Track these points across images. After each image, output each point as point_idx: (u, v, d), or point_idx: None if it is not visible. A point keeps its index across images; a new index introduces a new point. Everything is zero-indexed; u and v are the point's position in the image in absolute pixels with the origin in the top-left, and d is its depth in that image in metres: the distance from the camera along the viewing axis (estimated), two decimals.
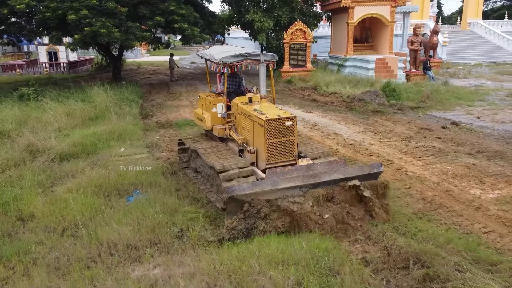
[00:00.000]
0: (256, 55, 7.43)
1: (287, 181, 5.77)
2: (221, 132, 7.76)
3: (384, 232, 5.69)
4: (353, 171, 6.18)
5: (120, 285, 4.56)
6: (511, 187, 7.46)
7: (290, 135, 6.51)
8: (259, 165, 6.71)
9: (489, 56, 30.44)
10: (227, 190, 5.47)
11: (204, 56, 8.34)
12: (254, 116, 6.64)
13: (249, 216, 5.57)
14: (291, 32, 21.25)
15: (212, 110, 7.83)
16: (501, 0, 61.35)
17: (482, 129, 11.55)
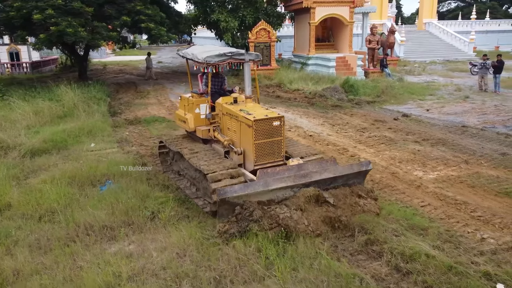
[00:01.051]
0: (241, 54, 7.22)
1: (279, 182, 5.71)
2: (205, 134, 7.55)
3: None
4: (343, 170, 6.24)
5: (98, 258, 5.07)
6: (449, 168, 8.43)
7: (278, 135, 6.44)
8: (246, 166, 6.59)
9: (443, 54, 32.22)
10: (219, 193, 5.33)
11: (185, 56, 8.05)
12: (241, 116, 6.50)
13: (241, 219, 5.43)
14: (255, 32, 21.94)
15: (195, 111, 7.64)
16: (455, 2, 64.61)
17: (429, 120, 12.65)
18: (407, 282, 4.66)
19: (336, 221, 5.66)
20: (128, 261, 4.97)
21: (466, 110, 13.90)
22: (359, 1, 22.50)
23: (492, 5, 55.81)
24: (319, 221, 5.59)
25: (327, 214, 5.67)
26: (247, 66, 7.02)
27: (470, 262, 5.01)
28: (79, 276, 4.68)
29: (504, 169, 8.27)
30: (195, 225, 5.90)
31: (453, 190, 7.35)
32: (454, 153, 9.34)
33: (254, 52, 7.64)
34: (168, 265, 4.90)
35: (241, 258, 4.99)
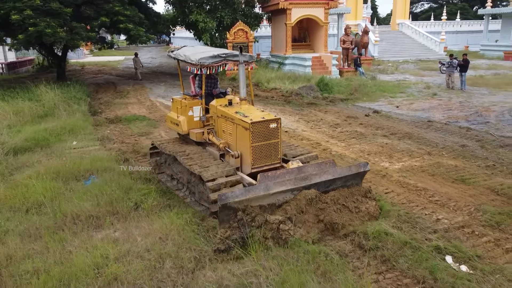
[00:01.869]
0: (235, 55, 7.15)
1: (280, 185, 5.64)
2: (199, 136, 7.45)
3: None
4: (341, 171, 6.21)
5: (86, 244, 5.45)
6: (413, 159, 9.10)
7: (275, 138, 6.40)
8: (243, 169, 6.51)
9: (416, 54, 33.37)
10: (220, 198, 5.21)
11: (177, 57, 7.89)
12: (237, 119, 6.43)
13: (243, 224, 5.31)
14: (233, 32, 22.41)
15: (188, 113, 7.52)
16: (428, 3, 66.51)
17: (398, 116, 13.38)
18: (368, 256, 5.22)
19: (338, 228, 5.68)
20: (114, 245, 5.38)
21: (433, 107, 14.71)
22: (333, 3, 23.24)
23: (463, 6, 57.83)
24: (317, 227, 5.64)
25: (329, 220, 5.69)
26: (241, 68, 6.86)
27: (424, 239, 5.62)
28: (69, 259, 5.06)
29: (463, 159, 8.99)
30: (175, 213, 6.34)
31: (415, 178, 7.99)
32: (419, 146, 10.03)
33: (248, 53, 7.53)
34: (152, 248, 5.33)
35: (226, 243, 5.47)
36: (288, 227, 5.38)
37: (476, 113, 13.41)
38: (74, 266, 4.84)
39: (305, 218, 5.66)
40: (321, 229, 5.70)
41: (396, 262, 5.00)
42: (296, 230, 5.46)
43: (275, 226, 5.32)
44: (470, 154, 9.30)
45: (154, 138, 11.42)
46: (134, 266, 4.90)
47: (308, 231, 5.55)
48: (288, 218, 5.49)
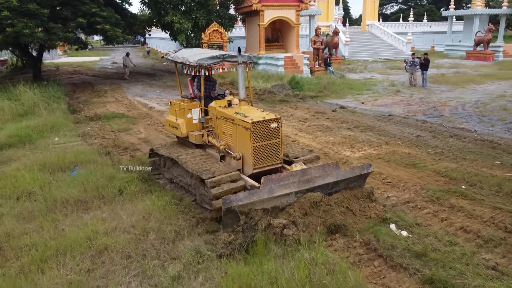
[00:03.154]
0: (233, 56, 7.11)
1: (284, 188, 5.62)
2: (199, 139, 7.36)
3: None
4: (345, 174, 6.23)
5: (77, 222, 6.11)
6: (372, 149, 10.07)
7: (276, 137, 6.35)
8: (244, 170, 6.44)
9: (385, 53, 34.83)
10: (224, 202, 5.23)
11: (175, 60, 7.84)
12: (237, 119, 6.38)
13: (247, 228, 5.27)
14: (208, 33, 23.10)
15: (187, 116, 7.45)
16: (397, 4, 68.78)
17: (362, 111, 14.41)
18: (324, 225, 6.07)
19: (343, 230, 5.71)
20: (102, 223, 6.06)
21: (395, 102, 15.84)
22: (304, 5, 24.24)
23: (430, 8, 60.18)
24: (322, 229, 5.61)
25: (333, 222, 5.70)
26: (240, 68, 6.91)
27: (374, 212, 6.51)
28: (63, 235, 5.72)
29: (416, 148, 10.02)
30: (157, 196, 7.05)
31: (372, 164, 8.92)
32: (378, 137, 11.03)
33: (247, 54, 7.51)
34: (136, 224, 6.04)
35: (198, 217, 6.24)
36: (292, 231, 5.29)
37: (433, 108, 14.59)
38: (68, 239, 5.50)
39: (309, 220, 5.60)
40: (325, 231, 5.62)
41: (347, 230, 5.84)
42: (300, 234, 5.32)
43: (279, 230, 5.26)
44: (423, 143, 10.35)
45: (135, 134, 12.07)
46: (122, 238, 5.60)
47: (311, 234, 5.43)
48: (292, 222, 5.44)
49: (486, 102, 15.41)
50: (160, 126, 12.47)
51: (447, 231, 5.96)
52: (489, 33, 30.62)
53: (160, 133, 12.10)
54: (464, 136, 10.94)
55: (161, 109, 15.60)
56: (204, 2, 23.23)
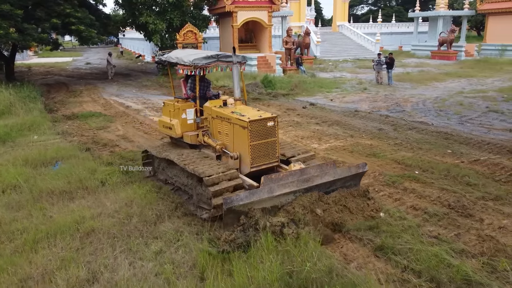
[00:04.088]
0: (228, 56, 7.14)
1: (283, 187, 5.68)
2: (194, 139, 7.35)
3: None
4: (341, 172, 6.33)
5: (64, 209, 6.59)
6: (338, 141, 10.86)
7: (273, 136, 6.41)
8: (242, 169, 6.48)
9: (355, 53, 36.09)
10: (225, 202, 5.29)
11: (169, 60, 7.81)
12: (234, 118, 6.41)
13: (247, 227, 5.36)
14: (183, 34, 23.54)
15: (182, 116, 7.44)
16: (368, 6, 70.75)
17: (331, 107, 15.26)
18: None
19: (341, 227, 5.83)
20: (88, 209, 6.56)
21: (362, 99, 16.78)
22: (276, 6, 25.00)
23: (398, 9, 62.27)
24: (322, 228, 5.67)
25: (331, 220, 5.82)
26: (235, 68, 6.93)
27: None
28: (51, 221, 6.20)
29: (377, 140, 10.88)
30: (137, 186, 7.58)
31: (337, 154, 9.72)
32: (344, 130, 11.86)
33: (241, 54, 7.46)
34: (120, 210, 6.57)
35: (176, 202, 6.83)
36: (292, 229, 5.38)
37: (396, 104, 15.59)
38: (57, 223, 5.99)
39: (308, 218, 5.67)
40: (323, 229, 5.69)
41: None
42: (299, 231, 5.40)
43: (278, 228, 5.36)
44: (384, 136, 11.23)
45: (113, 132, 12.49)
46: (107, 222, 6.13)
47: (310, 231, 5.48)
48: (291, 220, 5.54)
49: (445, 98, 16.54)
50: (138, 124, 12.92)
51: (398, 209, 6.73)
52: (451, 33, 32.22)
53: (137, 130, 12.57)
54: (422, 128, 11.90)
55: (137, 108, 16.02)
56: (178, 3, 23.64)
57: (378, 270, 4.96)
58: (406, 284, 4.68)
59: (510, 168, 8.57)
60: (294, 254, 4.87)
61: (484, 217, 6.39)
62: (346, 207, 6.12)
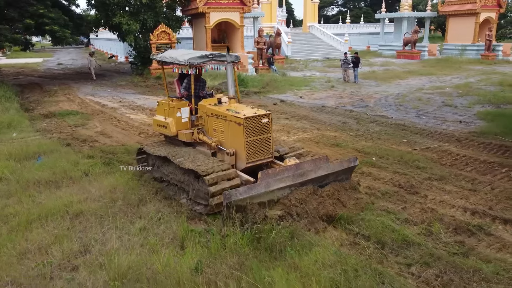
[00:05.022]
0: (222, 56, 7.28)
1: (280, 182, 5.84)
2: (189, 137, 7.49)
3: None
4: (334, 167, 6.57)
5: (52, 196, 7.14)
6: (305, 134, 11.73)
7: (267, 132, 6.61)
8: (237, 165, 6.65)
9: (325, 53, 37.31)
10: (225, 196, 5.44)
11: (163, 60, 7.91)
12: (230, 116, 6.57)
13: (246, 221, 5.54)
14: (156, 34, 24.01)
15: (176, 115, 7.58)
16: (337, 7, 72.60)
17: (300, 104, 16.17)
18: None
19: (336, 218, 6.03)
20: (75, 195, 7.14)
21: (329, 96, 17.79)
22: (247, 8, 25.79)
23: (366, 10, 64.17)
24: (318, 217, 5.92)
25: (326, 212, 6.03)
26: (229, 67, 7.12)
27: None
28: (41, 205, 6.75)
29: (341, 132, 11.82)
30: (119, 175, 8.19)
31: (304, 145, 10.49)
32: (311, 124, 12.75)
33: (234, 54, 7.54)
34: (105, 195, 7.18)
35: (158, 186, 7.49)
36: (289, 223, 5.59)
37: (360, 100, 16.66)
38: (47, 207, 6.56)
39: (305, 210, 5.91)
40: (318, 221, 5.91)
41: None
42: (296, 224, 5.62)
43: (274, 222, 5.54)
44: (348, 128, 12.19)
45: (91, 128, 12.95)
46: (93, 205, 6.74)
47: (305, 224, 5.73)
48: (287, 213, 5.77)
49: (406, 94, 17.75)
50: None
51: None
52: (415, 34, 33.86)
53: (115, 126, 13.08)
54: (382, 121, 12.94)
55: (114, 106, 16.46)
56: (151, 4, 24.06)
57: (334, 237, 5.80)
58: (356, 246, 5.53)
59: (456, 153, 9.65)
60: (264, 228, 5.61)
61: (428, 194, 7.36)
62: (340, 200, 6.35)
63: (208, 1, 24.51)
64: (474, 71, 25.76)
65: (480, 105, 15.12)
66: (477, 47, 33.55)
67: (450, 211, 6.68)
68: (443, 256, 5.21)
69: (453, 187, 7.67)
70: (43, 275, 4.82)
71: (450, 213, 6.56)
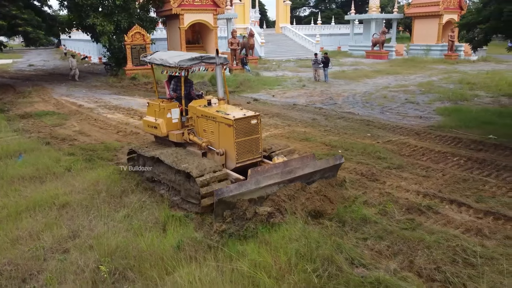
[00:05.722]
0: (211, 58, 7.43)
1: (269, 179, 6.06)
2: (179, 137, 7.65)
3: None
4: (321, 164, 6.86)
5: (37, 189, 7.54)
6: (277, 130, 12.42)
7: (256, 133, 6.83)
8: (227, 165, 6.84)
9: (297, 54, 38.23)
10: (216, 193, 5.64)
11: (153, 62, 8.05)
12: (219, 117, 6.73)
13: (236, 218, 5.74)
14: (131, 35, 24.25)
15: (167, 116, 7.71)
16: (309, 8, 74.01)
17: (272, 102, 16.89)
18: None
19: (323, 214, 6.30)
20: (60, 188, 7.56)
21: (300, 94, 18.58)
22: (221, 9, 26.39)
23: (337, 11, 65.70)
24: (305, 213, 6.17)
25: (314, 208, 6.27)
26: (218, 69, 7.27)
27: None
28: (28, 198, 7.15)
29: (311, 127, 12.57)
30: (101, 170, 8.64)
31: (276, 140, 11.22)
32: (283, 121, 13.46)
33: (223, 56, 7.59)
34: (88, 188, 7.63)
35: (137, 179, 8.00)
36: (278, 219, 5.81)
37: (329, 98, 17.51)
38: (34, 199, 6.98)
39: (294, 206, 6.17)
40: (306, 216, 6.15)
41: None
42: (285, 219, 5.86)
43: (264, 218, 5.75)
44: (317, 124, 12.96)
45: (69, 128, 13.24)
46: (78, 197, 7.20)
47: (296, 219, 5.94)
48: (277, 209, 5.99)
49: (372, 92, 18.74)
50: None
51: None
52: (383, 35, 35.21)
53: (93, 126, 13.41)
54: (349, 117, 13.78)
55: (90, 106, 16.71)
56: (125, 6, 24.29)
57: (302, 219, 6.47)
58: (320, 225, 6.22)
59: (414, 145, 10.54)
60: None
61: (387, 181, 8.16)
62: (326, 196, 6.58)
63: (182, 2, 24.95)
64: (437, 70, 27.15)
65: (439, 102, 16.21)
66: (441, 47, 35.17)
67: (405, 194, 7.49)
68: (395, 230, 5.97)
69: (409, 174, 8.51)
70: (37, 257, 5.30)
71: (405, 196, 7.37)
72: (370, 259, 5.25)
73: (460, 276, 4.84)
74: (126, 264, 5.02)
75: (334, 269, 4.77)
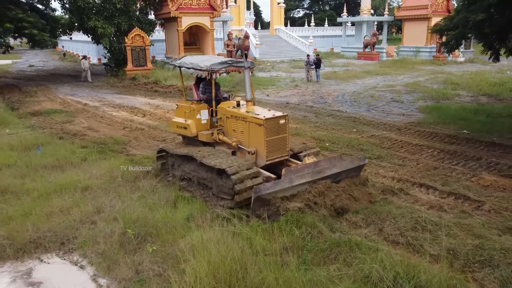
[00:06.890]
0: (239, 61, 7.80)
1: (301, 178, 6.42)
2: (209, 137, 7.91)
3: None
4: (347, 165, 7.24)
5: (61, 175, 8.58)
6: None
7: (284, 132, 7.18)
8: (258, 162, 7.14)
9: (291, 55, 39.35)
10: (255, 191, 5.99)
11: (183, 65, 8.34)
12: (250, 117, 7.06)
13: (271, 214, 6.18)
14: (131, 37, 25.28)
15: (197, 117, 7.97)
16: (303, 10, 75.29)
17: (267, 101, 18.00)
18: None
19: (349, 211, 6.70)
20: (80, 175, 8.61)
21: (293, 94, 19.71)
22: (217, 12, 27.45)
23: (331, 13, 66.98)
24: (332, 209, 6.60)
25: (342, 205, 6.68)
26: (247, 72, 7.63)
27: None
28: (53, 182, 8.18)
29: (302, 124, 13.70)
30: (114, 159, 9.69)
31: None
32: None
33: (250, 60, 7.93)
34: (105, 174, 8.69)
35: (151, 168, 9.06)
36: (309, 215, 6.15)
37: (320, 97, 18.67)
38: (59, 184, 8.02)
39: (323, 202, 6.55)
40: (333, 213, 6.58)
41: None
42: (314, 214, 6.23)
43: (295, 213, 6.12)
44: (308, 121, 14.09)
45: (78, 124, 14.25)
46: (97, 182, 8.25)
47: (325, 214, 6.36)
48: (307, 205, 6.38)
49: (361, 92, 19.92)
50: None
51: None
52: (374, 36, 36.45)
53: (100, 122, 14.45)
54: (337, 115, 14.93)
55: (95, 105, 17.73)
56: (125, 9, 25.31)
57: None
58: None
59: (394, 139, 11.70)
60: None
61: (367, 169, 9.25)
62: (352, 195, 7.00)
63: (180, 6, 25.99)
64: (424, 71, 28.41)
65: (423, 100, 17.41)
66: (430, 49, 36.48)
67: (382, 180, 8.63)
68: (369, 207, 7.08)
69: (387, 163, 9.65)
70: (70, 226, 6.36)
71: (381, 181, 8.50)
72: (347, 228, 6.36)
73: (419, 239, 5.96)
74: (146, 231, 6.10)
75: (316, 233, 5.88)
